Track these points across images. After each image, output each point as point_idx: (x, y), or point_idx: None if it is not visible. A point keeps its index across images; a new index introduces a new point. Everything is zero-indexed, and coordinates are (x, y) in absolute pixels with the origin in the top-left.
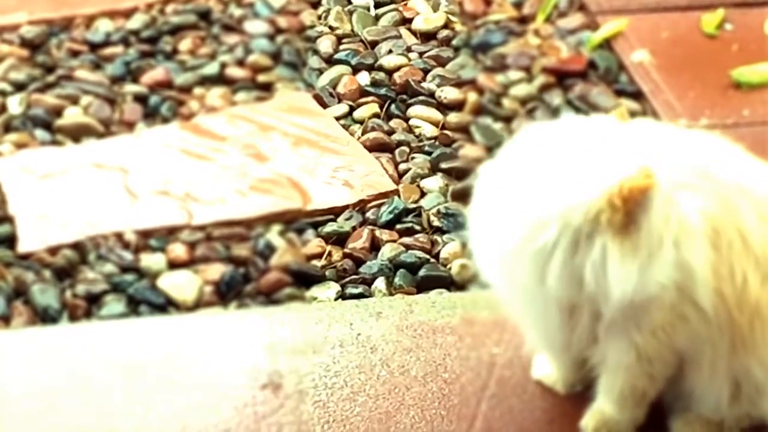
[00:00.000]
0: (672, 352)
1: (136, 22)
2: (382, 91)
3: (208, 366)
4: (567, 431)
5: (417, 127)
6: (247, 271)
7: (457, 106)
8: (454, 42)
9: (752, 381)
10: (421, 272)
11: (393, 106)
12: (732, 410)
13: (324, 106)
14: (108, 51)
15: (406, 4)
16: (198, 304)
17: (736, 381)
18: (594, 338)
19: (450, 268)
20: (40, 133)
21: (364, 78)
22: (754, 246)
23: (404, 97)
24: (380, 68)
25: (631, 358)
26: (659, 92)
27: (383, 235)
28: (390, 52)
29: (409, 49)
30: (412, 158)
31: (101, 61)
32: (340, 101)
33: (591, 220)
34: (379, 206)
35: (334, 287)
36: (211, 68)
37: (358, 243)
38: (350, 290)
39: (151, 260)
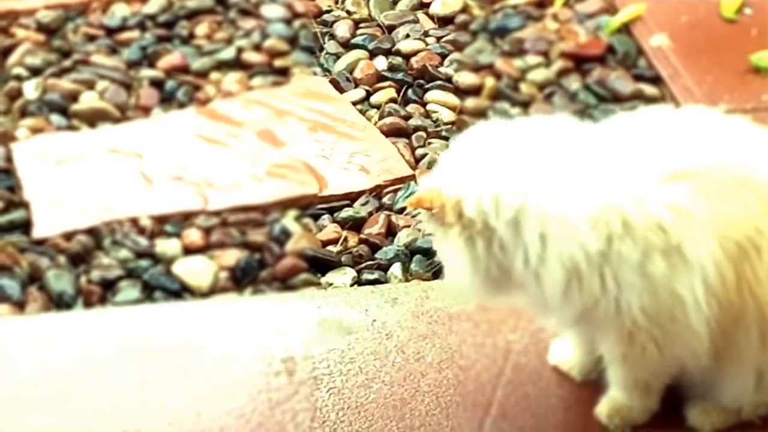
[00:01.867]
0: (667, 358)
1: (152, 6)
2: (399, 75)
3: (222, 352)
4: (583, 418)
5: (434, 112)
6: (262, 256)
7: (475, 91)
8: (472, 26)
9: None
10: (438, 258)
11: (410, 91)
12: (752, 399)
13: (341, 91)
14: (124, 36)
15: None
16: (213, 290)
17: (760, 372)
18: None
19: None
20: (56, 118)
21: (381, 63)
22: None
23: (421, 81)
24: (397, 53)
25: (615, 354)
26: (678, 77)
27: (399, 220)
28: (407, 36)
29: (426, 34)
30: (429, 143)
31: (117, 46)
32: (356, 86)
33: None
34: (395, 191)
35: (349, 273)
36: (228, 53)
37: (374, 228)
38: (366, 276)
39: (166, 246)
